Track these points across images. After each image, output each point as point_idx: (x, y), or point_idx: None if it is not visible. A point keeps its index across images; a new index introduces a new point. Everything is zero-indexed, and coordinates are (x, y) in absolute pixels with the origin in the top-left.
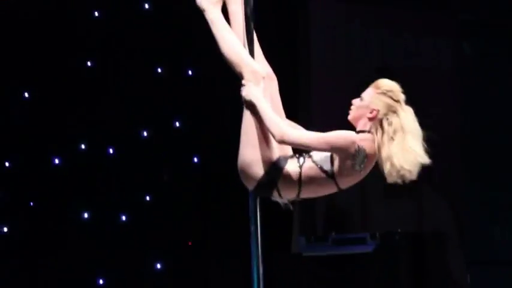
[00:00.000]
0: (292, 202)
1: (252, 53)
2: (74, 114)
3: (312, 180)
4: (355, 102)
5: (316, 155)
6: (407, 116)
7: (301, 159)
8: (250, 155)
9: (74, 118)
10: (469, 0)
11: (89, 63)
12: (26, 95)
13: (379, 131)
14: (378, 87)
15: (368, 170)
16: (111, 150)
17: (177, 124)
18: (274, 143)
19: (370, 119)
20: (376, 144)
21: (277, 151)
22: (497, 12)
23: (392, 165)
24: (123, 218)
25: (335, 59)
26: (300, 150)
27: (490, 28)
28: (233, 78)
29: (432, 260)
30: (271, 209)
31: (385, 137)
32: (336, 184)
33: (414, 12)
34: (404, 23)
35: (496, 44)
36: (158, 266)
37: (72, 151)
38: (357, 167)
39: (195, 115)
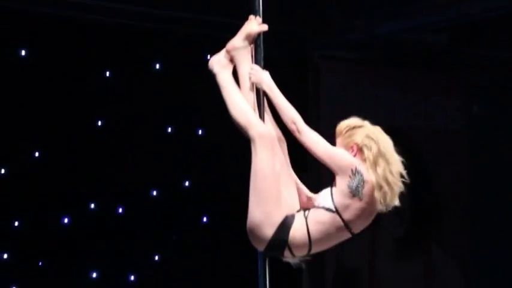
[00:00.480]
0: (304, 261)
1: (261, 116)
2: (84, 173)
3: (319, 225)
4: None
5: (318, 199)
6: (381, 136)
7: (306, 211)
8: (259, 215)
9: (84, 177)
10: (478, 62)
11: (99, 123)
12: (37, 154)
13: (365, 160)
14: (341, 133)
15: (370, 201)
16: (120, 210)
17: (187, 184)
18: (283, 201)
19: (354, 156)
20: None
21: (285, 210)
22: (507, 73)
23: (381, 190)
24: (132, 277)
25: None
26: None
27: (499, 89)
28: (242, 139)
29: None
30: (281, 270)
31: (368, 163)
32: (345, 224)
33: (423, 73)
34: (413, 83)
35: (506, 105)
36: None
37: (82, 210)
38: (354, 191)
39: (204, 175)
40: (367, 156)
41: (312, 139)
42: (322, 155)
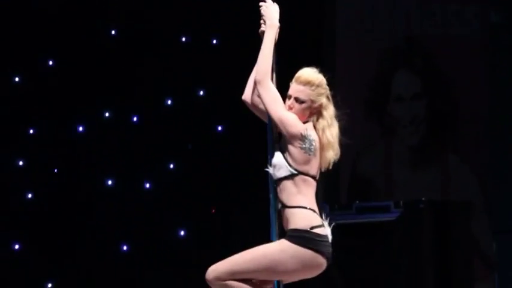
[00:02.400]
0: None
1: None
2: (98, 82)
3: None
4: (294, 105)
5: (274, 171)
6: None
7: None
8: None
9: (99, 86)
10: None
11: (113, 32)
12: (51, 62)
13: (321, 118)
14: (309, 83)
15: (319, 156)
16: (135, 118)
17: (201, 93)
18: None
19: (314, 113)
20: (320, 130)
21: None
22: None
23: (334, 149)
24: (147, 185)
25: (361, 29)
26: None
27: None
28: (257, 47)
29: (457, 228)
30: None
31: (326, 122)
32: (310, 176)
33: None
34: None
35: None
36: (182, 233)
37: (97, 119)
38: (308, 151)
39: (219, 84)
40: (325, 117)
41: (270, 96)
42: (273, 115)
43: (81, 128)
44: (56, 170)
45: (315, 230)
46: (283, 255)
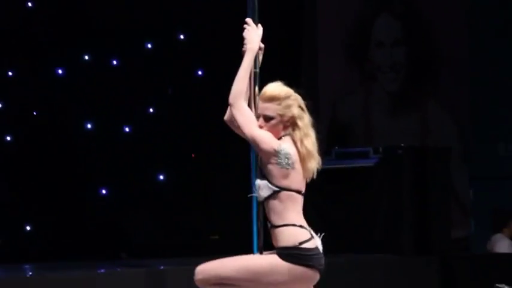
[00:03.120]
0: None
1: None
2: (79, 24)
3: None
4: (263, 123)
5: (259, 193)
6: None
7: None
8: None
9: (79, 29)
10: None
11: None
12: (30, 4)
13: (297, 130)
14: (274, 98)
15: (300, 168)
16: (114, 62)
17: (182, 36)
18: None
19: (288, 126)
20: (298, 141)
21: None
22: None
23: (314, 158)
24: (127, 129)
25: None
26: None
27: None
28: None
29: (435, 174)
30: None
31: (302, 133)
32: (295, 191)
33: None
34: None
35: None
36: (161, 177)
37: (76, 62)
38: (284, 165)
39: (200, 28)
40: (301, 128)
41: (243, 116)
42: (247, 134)
43: (60, 71)
44: (35, 113)
45: (303, 245)
46: (274, 270)
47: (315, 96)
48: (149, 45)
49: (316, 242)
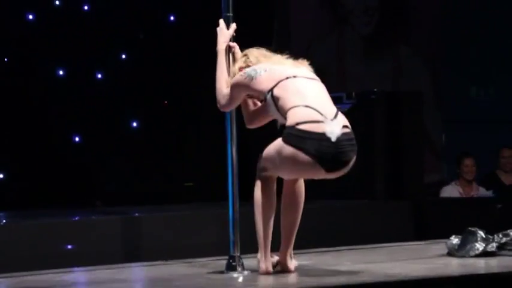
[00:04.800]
0: None
1: None
2: None
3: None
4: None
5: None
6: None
7: None
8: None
9: None
10: None
11: None
12: None
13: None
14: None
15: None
16: (86, 7)
17: None
18: None
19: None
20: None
21: None
22: None
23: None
24: (99, 75)
25: None
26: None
27: None
28: None
29: (408, 119)
30: None
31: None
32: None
33: None
34: None
35: None
36: (134, 124)
37: (47, 6)
38: (252, 74)
39: None
40: (252, 61)
41: (232, 99)
42: (233, 91)
43: (31, 16)
44: (6, 60)
45: (300, 126)
46: (277, 151)
47: (287, 41)
48: None
49: (325, 127)
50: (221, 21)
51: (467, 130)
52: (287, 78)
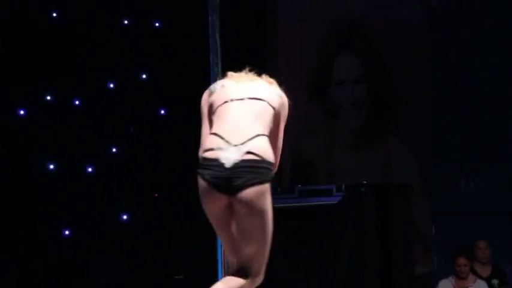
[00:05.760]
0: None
1: None
2: (41, 65)
3: None
4: None
5: None
6: None
7: None
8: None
9: (41, 69)
10: None
11: (54, 14)
12: None
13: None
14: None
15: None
16: (77, 102)
17: (144, 76)
18: None
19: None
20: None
21: None
22: None
23: None
24: (89, 169)
25: (303, 11)
26: None
27: None
28: (198, 34)
29: (397, 211)
30: None
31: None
32: None
33: None
34: None
35: None
36: (124, 217)
37: (38, 102)
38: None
39: (161, 68)
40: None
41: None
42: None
43: (22, 112)
44: None
45: (203, 154)
46: None
47: None
48: (111, 85)
49: (221, 154)
50: None
51: (457, 222)
52: (225, 102)
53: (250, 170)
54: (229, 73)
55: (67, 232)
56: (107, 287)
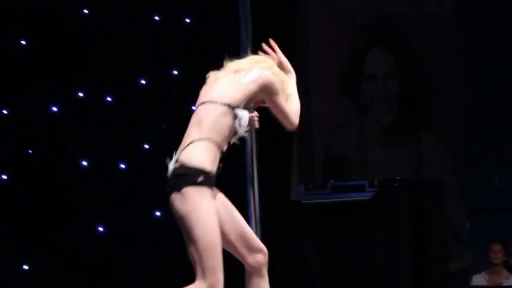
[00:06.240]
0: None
1: None
2: (73, 61)
3: None
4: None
5: None
6: None
7: None
8: None
9: (72, 65)
10: None
11: (85, 11)
12: (23, 42)
13: None
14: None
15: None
16: (109, 98)
17: (175, 72)
18: None
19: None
20: None
21: None
22: None
23: None
24: (122, 166)
25: (334, 7)
26: None
27: None
28: (228, 26)
29: (431, 207)
30: (270, 156)
31: None
32: None
33: None
34: None
35: None
36: (157, 213)
37: (70, 99)
38: None
39: (194, 63)
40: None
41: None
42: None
43: (55, 108)
44: (30, 151)
45: None
46: None
47: (309, 129)
48: (143, 81)
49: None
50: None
51: (491, 219)
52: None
53: (171, 178)
54: (210, 73)
55: (101, 229)
56: (138, 283)
